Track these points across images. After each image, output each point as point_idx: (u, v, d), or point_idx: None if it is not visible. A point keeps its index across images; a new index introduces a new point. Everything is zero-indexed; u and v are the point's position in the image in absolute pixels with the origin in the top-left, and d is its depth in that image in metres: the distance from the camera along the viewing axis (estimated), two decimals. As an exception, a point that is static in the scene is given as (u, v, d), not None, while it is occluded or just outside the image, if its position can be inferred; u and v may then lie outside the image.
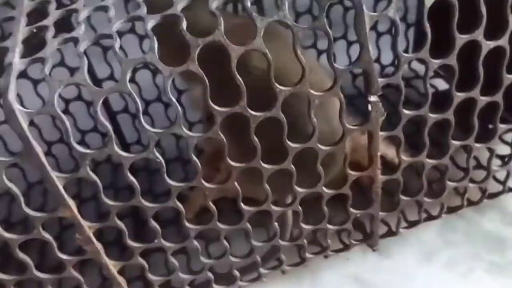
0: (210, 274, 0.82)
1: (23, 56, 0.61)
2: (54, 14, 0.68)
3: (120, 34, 0.85)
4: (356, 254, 0.93)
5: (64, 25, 0.75)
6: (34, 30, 0.67)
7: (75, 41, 0.61)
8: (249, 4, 0.62)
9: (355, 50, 1.22)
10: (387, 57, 1.28)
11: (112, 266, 0.72)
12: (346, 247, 0.90)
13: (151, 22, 0.61)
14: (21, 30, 0.66)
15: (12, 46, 0.62)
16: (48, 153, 1.13)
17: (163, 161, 0.64)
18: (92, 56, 0.98)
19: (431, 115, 0.73)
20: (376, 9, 1.17)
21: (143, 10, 0.64)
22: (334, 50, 1.18)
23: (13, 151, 1.03)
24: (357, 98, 1.22)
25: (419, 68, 1.17)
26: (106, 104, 1.12)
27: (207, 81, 0.61)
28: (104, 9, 0.67)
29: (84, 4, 0.69)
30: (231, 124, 0.65)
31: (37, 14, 0.71)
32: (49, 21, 0.66)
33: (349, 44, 1.25)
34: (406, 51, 1.27)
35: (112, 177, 1.14)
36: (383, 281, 0.91)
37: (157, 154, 0.63)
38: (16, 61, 0.59)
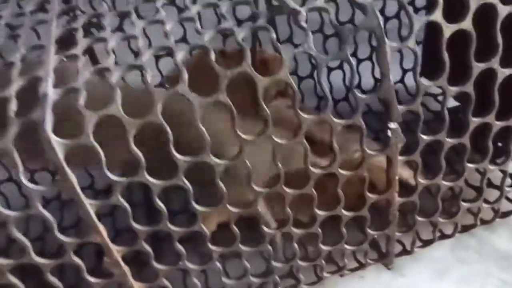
0: (230, 293, 0.84)
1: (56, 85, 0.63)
2: (82, 42, 0.69)
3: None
4: (370, 272, 0.95)
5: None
6: (64, 59, 0.68)
7: (107, 71, 0.63)
8: (274, 35, 0.65)
9: (364, 67, 1.26)
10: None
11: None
12: (362, 266, 0.92)
13: (181, 54, 0.64)
14: (51, 58, 0.68)
15: (44, 76, 0.63)
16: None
17: (191, 188, 0.66)
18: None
19: (448, 139, 0.75)
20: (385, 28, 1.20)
21: (171, 40, 0.66)
22: (344, 67, 1.24)
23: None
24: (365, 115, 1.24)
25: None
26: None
27: (235, 110, 0.63)
28: (132, 38, 0.69)
29: (111, 30, 0.72)
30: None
31: (65, 42, 0.73)
32: (78, 50, 0.68)
33: (359, 61, 1.27)
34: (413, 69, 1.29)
35: (128, 194, 1.15)
36: (398, 299, 0.93)
37: (186, 181, 0.65)
38: (50, 91, 0.61)
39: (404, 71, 1.29)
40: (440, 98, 1.21)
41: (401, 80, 1.32)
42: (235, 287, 0.85)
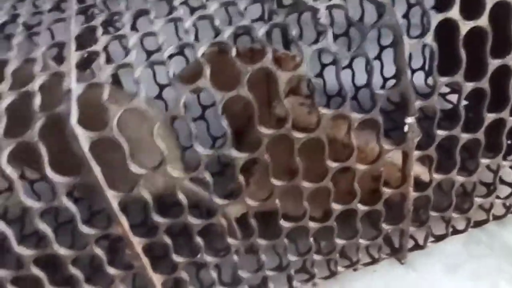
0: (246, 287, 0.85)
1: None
2: (102, 39, 0.71)
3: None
4: (383, 267, 0.96)
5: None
6: (85, 55, 0.70)
7: (130, 67, 0.64)
8: (294, 32, 0.66)
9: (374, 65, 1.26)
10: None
11: (158, 280, 0.75)
12: (375, 261, 0.93)
13: (201, 49, 0.65)
14: (72, 54, 0.69)
15: (67, 71, 0.65)
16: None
17: (211, 181, 0.67)
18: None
19: (463, 135, 0.76)
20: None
21: (191, 37, 0.67)
22: (353, 66, 1.25)
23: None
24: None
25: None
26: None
27: (255, 105, 0.64)
28: (153, 35, 0.70)
29: (131, 25, 0.73)
30: None
31: (84, 38, 0.75)
32: (99, 47, 0.69)
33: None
34: (422, 67, 1.30)
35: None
36: (410, 293, 0.93)
37: (207, 175, 0.66)
38: (74, 86, 0.62)
39: (413, 71, 1.29)
40: (449, 97, 1.22)
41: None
42: (250, 281, 0.86)
